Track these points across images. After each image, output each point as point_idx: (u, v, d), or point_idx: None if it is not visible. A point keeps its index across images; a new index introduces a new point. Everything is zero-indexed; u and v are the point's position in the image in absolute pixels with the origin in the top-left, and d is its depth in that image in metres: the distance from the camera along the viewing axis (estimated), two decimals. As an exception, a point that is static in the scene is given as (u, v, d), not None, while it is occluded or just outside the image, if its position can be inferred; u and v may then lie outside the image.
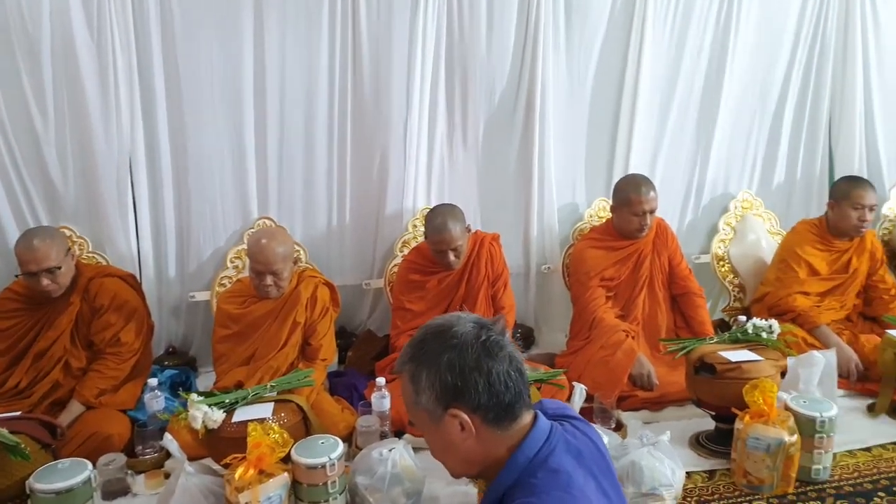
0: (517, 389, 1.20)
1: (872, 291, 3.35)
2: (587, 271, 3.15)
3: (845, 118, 3.87)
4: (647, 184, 3.13)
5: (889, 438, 2.62)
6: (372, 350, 3.21)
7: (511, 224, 3.51)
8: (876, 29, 3.79)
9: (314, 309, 2.74)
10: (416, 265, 3.04)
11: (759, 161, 3.85)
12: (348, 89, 3.18)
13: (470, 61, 3.28)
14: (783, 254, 3.38)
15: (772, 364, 2.49)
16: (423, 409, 1.23)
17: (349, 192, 3.31)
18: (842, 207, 3.25)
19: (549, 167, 3.47)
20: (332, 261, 3.37)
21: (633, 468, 2.14)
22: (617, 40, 3.47)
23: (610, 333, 2.96)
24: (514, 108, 3.41)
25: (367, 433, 2.41)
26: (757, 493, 2.27)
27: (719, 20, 3.57)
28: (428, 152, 3.34)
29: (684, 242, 3.49)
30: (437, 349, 1.20)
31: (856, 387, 2.97)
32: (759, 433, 2.23)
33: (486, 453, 1.21)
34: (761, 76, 3.73)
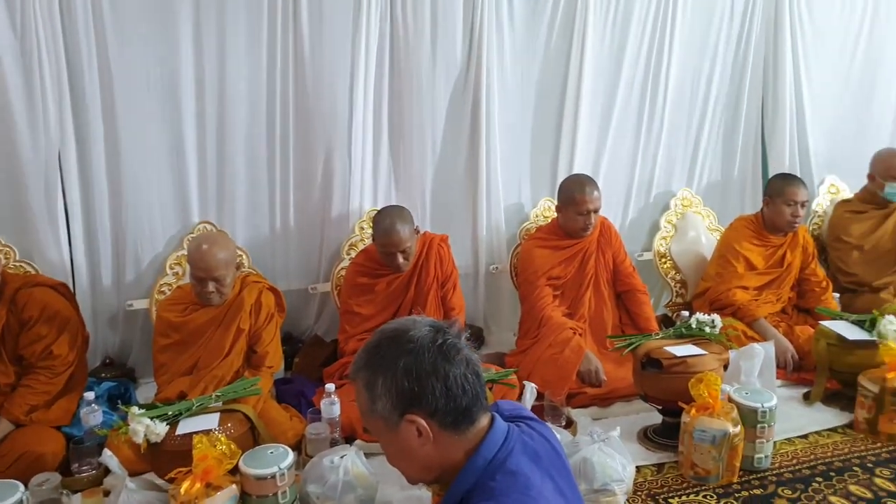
0: (475, 392, 1.19)
1: (805, 284, 3.47)
2: (534, 270, 3.17)
3: (777, 119, 4.01)
4: (591, 183, 3.17)
5: (824, 425, 2.72)
6: (320, 356, 3.16)
7: (459, 225, 3.51)
8: (803, 33, 3.93)
9: (259, 315, 2.67)
10: (364, 268, 3.00)
11: (697, 160, 3.95)
12: (290, 90, 3.13)
13: (414, 62, 3.27)
14: (722, 250, 3.47)
15: (715, 358, 2.56)
16: (378, 417, 1.20)
17: (293, 195, 3.25)
18: (776, 204, 3.36)
19: (495, 167, 3.48)
20: (276, 265, 3.30)
21: (585, 465, 2.16)
22: (560, 42, 3.51)
23: (558, 331, 2.99)
24: (460, 108, 3.41)
25: (316, 441, 2.37)
26: (704, 484, 2.32)
27: (656, 23, 3.66)
28: (374, 153, 3.30)
29: (627, 240, 3.55)
30: (393, 354, 1.18)
31: (792, 377, 3.07)
32: (704, 425, 2.28)
33: (443, 458, 1.20)
34: (696, 79, 3.83)
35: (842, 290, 3.64)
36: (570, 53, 3.52)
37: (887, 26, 4.13)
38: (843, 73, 4.11)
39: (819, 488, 2.31)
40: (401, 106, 3.30)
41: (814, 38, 3.96)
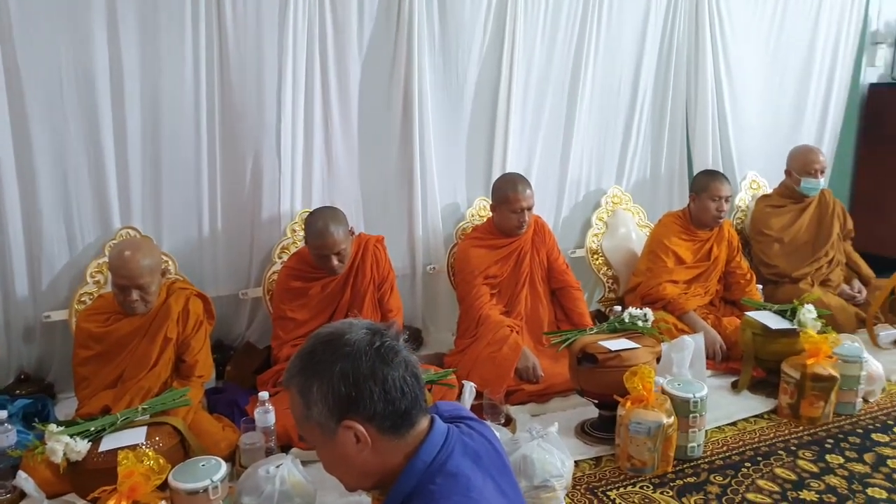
0: (414, 395, 1.17)
1: (731, 277, 3.59)
2: (471, 270, 3.17)
3: (699, 117, 4.13)
4: (524, 182, 3.19)
5: (751, 412, 2.81)
6: (252, 363, 3.07)
7: (395, 225, 3.48)
8: (723, 35, 4.07)
9: (187, 323, 2.57)
10: (297, 272, 2.93)
11: (626, 158, 4.04)
12: (215, 90, 3.03)
13: (343, 60, 3.22)
14: (652, 245, 3.56)
15: (648, 351, 2.61)
16: (314, 424, 1.16)
17: (220, 198, 3.15)
18: (702, 200, 3.47)
19: (430, 167, 3.47)
20: (204, 271, 3.19)
21: (525, 462, 2.16)
22: (491, 42, 3.52)
23: (495, 330, 3.00)
24: (391, 108, 3.37)
25: (251, 450, 2.30)
26: (640, 475, 2.36)
27: (584, 25, 3.71)
28: (305, 153, 3.23)
29: (561, 238, 3.60)
30: (329, 359, 1.14)
31: (721, 366, 3.18)
32: (640, 418, 2.33)
33: (383, 463, 1.17)
34: (623, 79, 3.91)
35: (764, 281, 3.78)
36: (501, 53, 3.53)
37: (798, 29, 4.32)
38: (760, 73, 4.28)
39: (748, 473, 2.39)
40: (331, 105, 3.25)
41: (733, 41, 4.11)
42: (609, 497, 2.26)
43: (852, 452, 2.51)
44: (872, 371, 2.86)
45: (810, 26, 4.36)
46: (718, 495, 2.26)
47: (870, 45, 4.72)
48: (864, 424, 2.71)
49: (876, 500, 2.23)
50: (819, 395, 2.66)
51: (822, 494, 2.26)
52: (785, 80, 4.37)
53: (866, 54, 4.69)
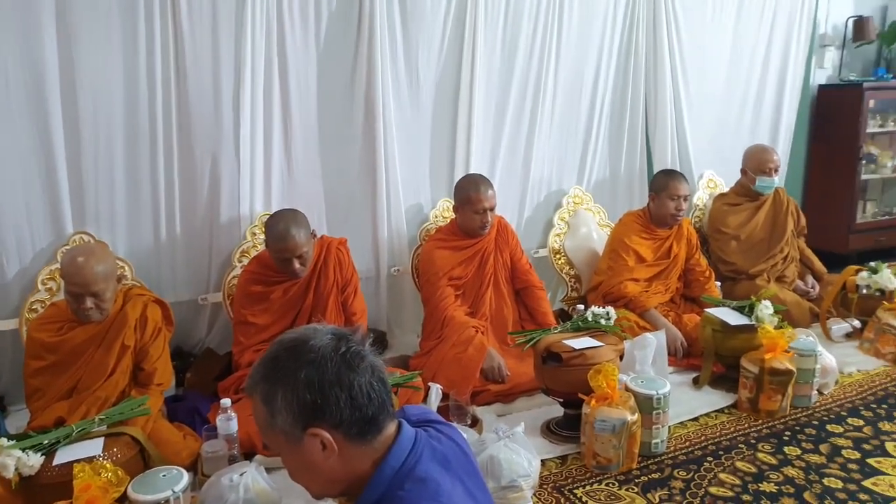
0: (381, 400, 1.15)
1: (690, 274, 3.66)
2: (436, 271, 3.17)
3: (658, 119, 4.20)
4: (486, 182, 3.20)
5: (712, 407, 2.86)
6: (213, 370, 3.01)
7: (358, 227, 3.45)
8: (679, 39, 4.13)
9: (145, 330, 2.51)
10: (258, 276, 2.88)
11: (587, 159, 4.07)
12: (171, 91, 2.96)
13: (302, 62, 3.19)
14: (613, 244, 3.60)
15: (611, 349, 2.63)
16: (279, 432, 1.13)
17: (178, 201, 3.09)
18: (661, 199, 3.52)
19: (394, 168, 3.45)
20: (162, 276, 3.12)
21: (492, 463, 2.16)
22: (453, 43, 3.52)
23: (461, 331, 2.99)
24: (353, 108, 3.35)
25: (213, 459, 2.25)
26: (606, 472, 2.38)
27: (546, 26, 3.73)
28: (264, 156, 3.19)
29: (523, 238, 3.62)
30: (293, 366, 1.12)
31: (682, 363, 3.23)
32: (604, 415, 2.35)
33: (350, 470, 1.15)
34: (584, 81, 3.94)
35: (723, 278, 3.86)
36: (462, 53, 3.53)
37: (752, 34, 4.42)
38: (716, 76, 4.37)
39: (710, 467, 2.43)
40: (291, 106, 3.21)
41: (689, 44, 4.18)
42: (576, 495, 2.27)
43: (809, 444, 2.58)
44: (826, 364, 2.94)
45: (763, 30, 4.47)
46: (682, 490, 2.30)
47: (818, 48, 4.86)
48: (820, 416, 2.78)
49: (832, 490, 2.29)
50: (777, 388, 2.72)
51: (781, 486, 2.31)
52: (740, 82, 4.47)
53: (815, 57, 4.82)
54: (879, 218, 5.11)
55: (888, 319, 3.27)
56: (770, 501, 2.23)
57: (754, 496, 2.26)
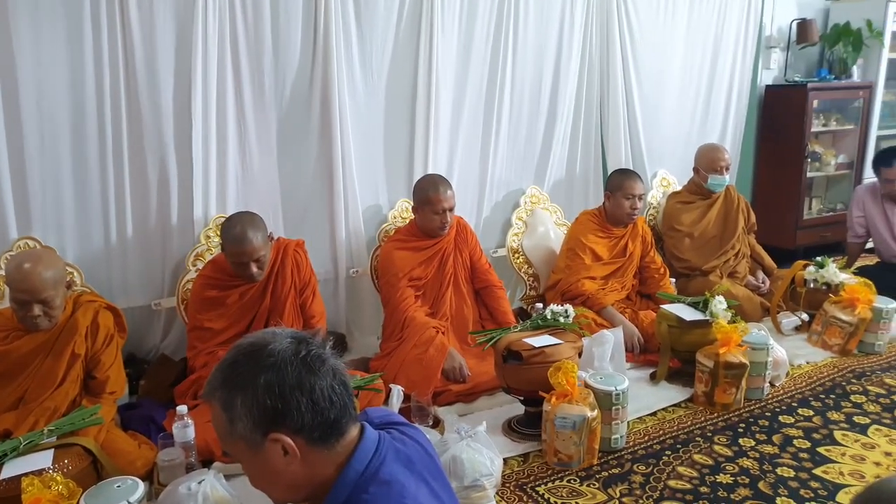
0: (343, 403, 1.13)
1: (646, 271, 3.72)
2: (395, 272, 3.15)
3: (612, 119, 4.25)
4: (445, 183, 3.20)
5: (669, 401, 2.91)
6: (168, 376, 2.94)
7: (315, 229, 3.42)
8: (632, 41, 4.20)
9: (96, 337, 2.43)
10: (214, 280, 2.82)
11: (544, 159, 4.10)
12: (120, 92, 2.89)
13: (256, 61, 3.14)
14: (570, 243, 3.64)
15: (570, 346, 2.66)
16: (239, 438, 1.11)
17: (129, 204, 3.01)
18: (616, 198, 3.57)
19: (351, 169, 3.42)
20: (113, 281, 3.04)
21: (454, 462, 2.16)
22: (408, 43, 3.51)
23: (421, 331, 2.99)
24: (308, 109, 3.31)
25: (170, 467, 2.20)
26: (567, 469, 2.40)
27: (499, 28, 3.75)
28: (218, 157, 3.13)
29: (482, 238, 3.63)
30: (252, 371, 1.10)
31: (639, 359, 3.28)
32: (565, 412, 2.37)
33: (312, 475, 1.13)
34: (537, 82, 3.97)
35: (677, 275, 3.93)
36: (418, 54, 3.53)
37: (701, 35, 4.51)
38: (667, 77, 4.44)
39: (669, 461, 2.47)
40: (245, 106, 3.16)
41: (641, 46, 4.24)
42: (538, 493, 2.29)
43: (762, 435, 2.64)
44: (778, 357, 3.02)
45: (712, 33, 4.56)
46: (642, 484, 2.33)
47: (765, 50, 4.99)
48: (772, 408, 2.85)
49: (784, 479, 2.35)
50: (731, 382, 2.78)
51: (737, 477, 2.37)
52: (690, 82, 4.56)
53: (762, 58, 4.96)
54: (824, 214, 5.28)
55: (834, 312, 3.37)
56: (726, 493, 2.28)
57: (711, 488, 2.31)
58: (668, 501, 2.24)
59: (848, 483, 2.33)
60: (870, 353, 3.36)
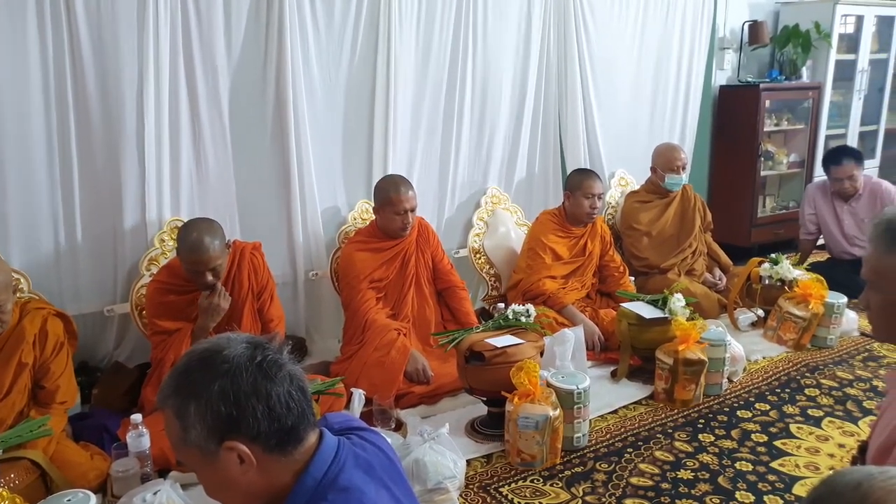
0: (301, 409, 1.11)
1: (605, 270, 3.76)
2: (356, 274, 3.12)
3: (570, 119, 4.27)
4: (406, 183, 3.18)
5: (630, 399, 2.94)
6: (122, 384, 2.86)
7: (273, 231, 3.36)
8: (589, 43, 4.22)
9: (45, 345, 2.35)
10: (168, 285, 2.74)
11: (504, 159, 4.11)
12: (68, 92, 2.80)
13: (209, 61, 3.07)
14: (530, 243, 3.65)
15: (532, 345, 2.66)
16: (193, 447, 1.08)
17: (78, 207, 2.92)
18: (576, 197, 3.59)
19: (308, 170, 3.38)
20: (63, 287, 2.95)
21: (417, 466, 2.15)
22: (367, 42, 3.47)
23: (383, 334, 2.97)
24: (264, 109, 3.26)
25: (124, 478, 2.14)
26: (530, 469, 2.41)
27: (459, 28, 3.73)
28: (171, 159, 3.05)
29: (444, 238, 3.62)
30: (206, 378, 1.06)
31: (600, 357, 3.31)
32: (527, 412, 2.37)
33: (270, 483, 1.10)
34: (500, 83, 3.97)
35: (636, 273, 3.98)
36: (376, 54, 3.50)
37: (656, 37, 4.57)
38: (624, 78, 4.48)
39: (630, 458, 2.50)
40: (199, 106, 3.09)
41: (598, 47, 4.27)
42: (501, 493, 2.29)
43: (721, 430, 2.69)
44: (735, 353, 3.08)
45: (667, 34, 4.63)
46: (605, 482, 2.35)
47: (718, 51, 5.09)
48: (730, 403, 2.90)
49: (743, 473, 2.40)
50: (690, 378, 2.82)
51: (697, 472, 2.40)
52: (646, 83, 4.62)
53: (716, 59, 5.05)
54: (778, 212, 5.40)
55: (789, 308, 3.45)
56: (687, 488, 2.31)
57: (672, 484, 2.33)
58: (630, 499, 2.26)
59: (804, 475, 2.38)
60: (822, 347, 3.45)
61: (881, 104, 5.69)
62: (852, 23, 5.35)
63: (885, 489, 0.80)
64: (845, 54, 5.34)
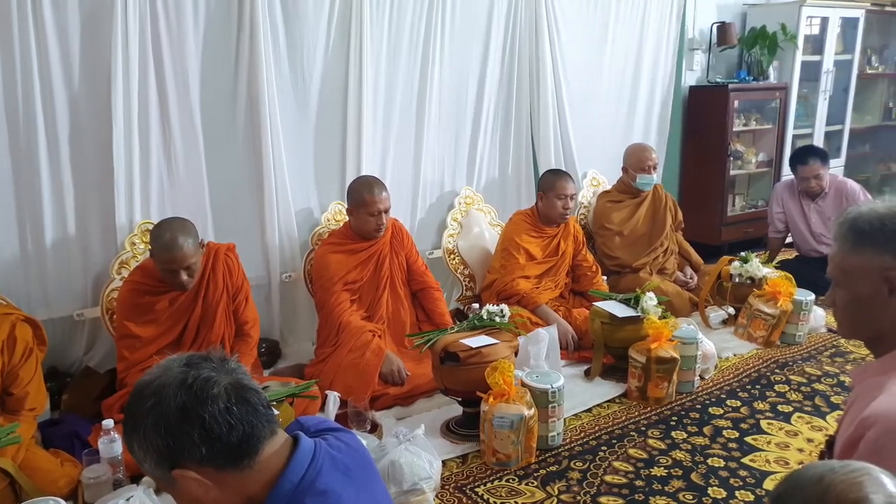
0: (246, 423, 1.07)
1: (578, 270, 3.79)
2: (330, 276, 3.11)
3: (542, 119, 4.29)
4: (379, 184, 3.18)
5: (604, 397, 2.97)
6: (93, 390, 2.81)
7: (247, 233, 3.33)
8: (560, 44, 4.25)
9: (13, 351, 2.31)
10: (142, 286, 2.71)
11: (476, 160, 4.12)
12: (35, 91, 2.76)
13: (179, 61, 3.04)
14: (504, 243, 3.67)
15: (507, 345, 2.68)
16: (156, 476, 1.10)
17: (46, 210, 2.88)
18: (549, 198, 3.62)
19: (282, 171, 3.35)
20: (31, 291, 2.90)
21: (393, 467, 2.15)
22: (338, 44, 3.46)
23: (357, 335, 2.96)
24: (235, 110, 3.23)
25: (96, 485, 2.11)
26: (506, 469, 2.42)
27: (429, 30, 3.73)
28: (140, 159, 3.01)
29: (418, 239, 3.62)
30: (141, 412, 1.06)
31: (574, 356, 3.33)
32: (502, 412, 2.38)
33: (239, 494, 1.09)
34: (470, 84, 3.98)
35: (608, 272, 4.02)
36: (348, 55, 3.48)
37: (626, 38, 4.62)
38: (595, 78, 4.52)
39: (605, 456, 2.52)
40: (169, 108, 3.06)
41: (569, 48, 4.30)
42: (477, 493, 2.30)
43: (693, 427, 2.73)
44: (706, 350, 3.12)
45: (637, 35, 4.68)
46: (579, 480, 2.37)
47: (688, 52, 5.16)
48: (702, 400, 2.95)
49: (715, 469, 2.43)
50: (663, 376, 2.86)
51: (671, 469, 2.44)
52: (617, 84, 4.66)
53: (685, 59, 5.12)
54: (747, 211, 5.49)
55: (758, 305, 3.51)
56: (661, 485, 2.34)
57: (646, 481, 2.36)
58: (605, 496, 2.29)
59: (774, 470, 2.43)
60: (791, 343, 3.51)
61: (846, 104, 5.81)
62: (817, 24, 5.46)
63: (846, 482, 0.82)
64: (811, 55, 5.45)
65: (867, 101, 6.37)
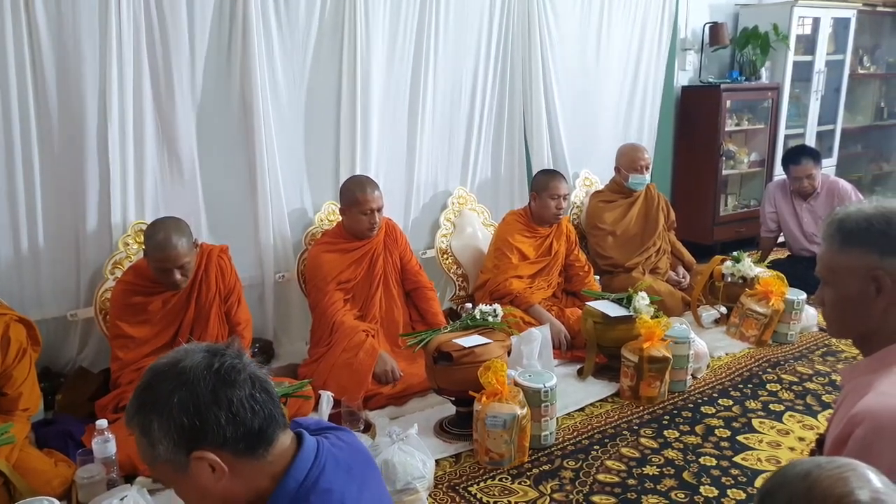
0: (267, 411, 1.10)
1: (571, 269, 3.80)
2: (324, 276, 3.11)
3: (535, 120, 4.30)
4: (372, 184, 3.18)
5: (597, 397, 2.98)
6: (87, 390, 2.81)
7: (240, 233, 3.33)
8: (552, 45, 4.26)
9: (7, 352, 2.31)
10: (136, 286, 2.72)
11: (469, 160, 4.13)
12: (28, 91, 2.75)
13: (174, 61, 3.03)
14: (497, 243, 3.68)
15: (499, 345, 2.69)
16: (164, 462, 1.08)
17: (40, 210, 2.87)
18: (542, 198, 3.63)
19: (275, 172, 3.36)
20: (25, 292, 2.89)
21: (387, 467, 2.16)
22: (332, 43, 3.46)
23: (351, 335, 2.97)
24: (229, 110, 3.23)
25: (90, 485, 2.12)
26: (499, 468, 2.43)
27: (423, 29, 3.73)
28: (135, 161, 3.01)
29: (412, 239, 3.62)
30: (166, 391, 1.07)
31: (566, 355, 3.34)
32: (495, 411, 2.39)
33: (247, 488, 1.10)
34: (463, 84, 3.98)
35: (601, 272, 4.04)
36: (342, 55, 3.48)
37: (619, 38, 4.63)
38: (587, 79, 4.52)
39: (597, 455, 2.54)
40: (163, 108, 3.05)
41: (562, 49, 4.31)
42: (470, 492, 2.31)
43: (685, 426, 2.74)
44: (699, 349, 3.14)
45: (629, 35, 4.69)
46: (572, 479, 2.38)
47: (680, 52, 5.18)
48: (694, 399, 2.96)
49: (707, 468, 2.45)
50: (655, 375, 2.87)
51: (663, 468, 2.45)
52: (609, 84, 4.67)
53: (678, 59, 5.14)
54: (739, 210, 5.51)
55: (750, 305, 3.53)
56: (653, 484, 2.36)
57: (639, 480, 2.38)
58: (597, 495, 2.30)
59: (766, 469, 2.45)
60: (783, 342, 3.54)
61: (838, 104, 5.85)
62: (809, 24, 5.49)
63: (832, 477, 0.83)
64: (803, 55, 5.47)
65: (859, 101, 6.42)
